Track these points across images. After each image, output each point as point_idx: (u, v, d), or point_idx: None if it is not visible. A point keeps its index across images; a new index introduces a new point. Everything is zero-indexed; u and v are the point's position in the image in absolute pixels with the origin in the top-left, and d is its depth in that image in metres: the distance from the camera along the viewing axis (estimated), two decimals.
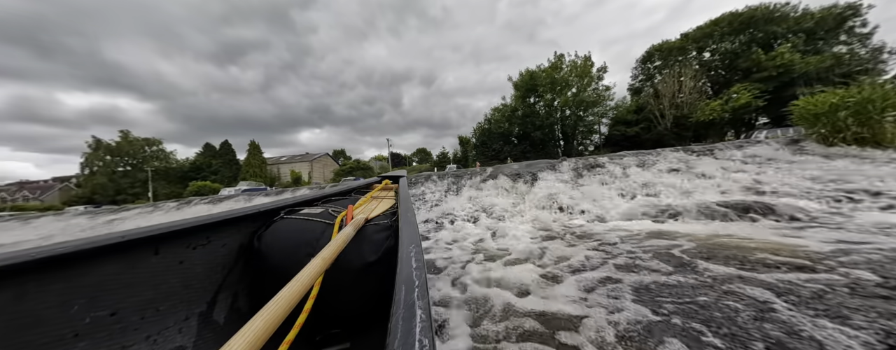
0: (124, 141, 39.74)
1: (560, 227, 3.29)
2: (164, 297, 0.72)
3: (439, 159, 43.04)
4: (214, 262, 0.85)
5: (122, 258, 0.65)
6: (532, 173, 5.47)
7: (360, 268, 0.83)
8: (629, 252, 2.12)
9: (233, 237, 0.91)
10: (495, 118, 31.61)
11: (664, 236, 2.47)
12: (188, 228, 0.77)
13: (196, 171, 41.06)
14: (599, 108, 28.59)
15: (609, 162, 5.51)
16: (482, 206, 4.60)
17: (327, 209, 1.06)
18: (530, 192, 4.79)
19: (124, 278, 0.65)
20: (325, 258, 0.57)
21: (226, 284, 0.87)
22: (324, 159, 47.69)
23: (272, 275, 0.86)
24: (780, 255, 1.79)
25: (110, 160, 39.22)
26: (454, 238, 3.19)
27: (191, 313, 0.77)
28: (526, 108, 30.41)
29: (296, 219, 0.97)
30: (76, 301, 0.57)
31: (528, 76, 30.09)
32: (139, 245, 0.67)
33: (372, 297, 0.86)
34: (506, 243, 2.80)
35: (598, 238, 2.62)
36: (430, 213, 4.94)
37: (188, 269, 0.78)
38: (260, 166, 38.84)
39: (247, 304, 0.92)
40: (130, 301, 0.65)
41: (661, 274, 1.69)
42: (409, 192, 1.51)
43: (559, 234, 2.95)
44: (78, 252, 0.57)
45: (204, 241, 0.83)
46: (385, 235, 0.91)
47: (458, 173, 6.65)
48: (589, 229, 3.02)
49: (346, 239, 0.74)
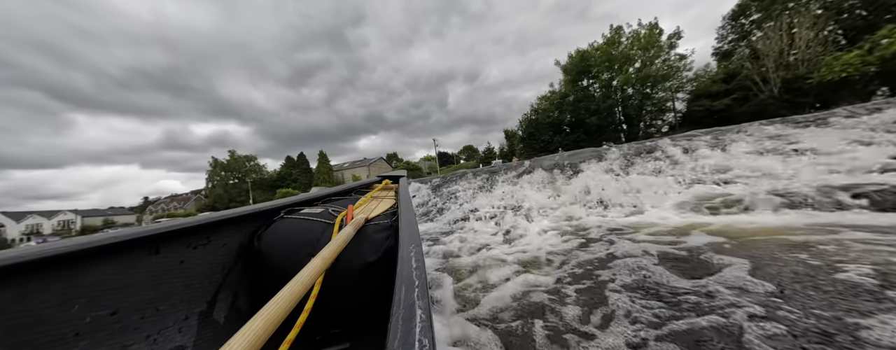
0: (232, 159, 49.94)
1: (589, 223, 2.90)
2: (165, 297, 0.72)
3: (485, 155, 42.33)
4: (215, 261, 0.85)
5: (123, 258, 0.65)
6: (573, 164, 4.97)
7: (360, 268, 0.82)
8: (664, 253, 1.75)
9: (233, 237, 0.91)
10: (543, 107, 29.59)
11: (723, 233, 1.97)
12: (188, 228, 0.78)
13: (281, 180, 48.98)
14: (673, 81, 24.18)
15: (670, 144, 4.64)
16: (512, 202, 4.35)
17: (327, 209, 1.06)
18: (567, 186, 4.35)
19: (124, 278, 0.65)
20: (325, 258, 0.57)
21: (226, 284, 0.88)
22: (379, 163, 51.81)
23: (272, 274, 0.86)
24: None
25: (224, 175, 49.69)
26: (466, 239, 3.07)
27: (191, 313, 0.77)
28: (578, 93, 27.66)
29: (296, 218, 0.96)
30: (77, 300, 0.57)
31: (579, 57, 27.27)
32: (140, 245, 0.68)
33: (372, 297, 0.85)
34: (519, 246, 2.58)
35: (628, 235, 2.23)
36: (454, 212, 4.88)
37: (188, 269, 0.78)
38: (328, 173, 44.38)
39: (247, 303, 0.92)
40: (131, 300, 0.66)
41: (687, 285, 1.34)
42: (409, 191, 1.49)
43: (584, 232, 2.61)
44: (78, 252, 0.57)
45: (204, 241, 0.83)
46: (385, 235, 0.90)
47: (492, 169, 6.41)
48: (620, 225, 2.60)
49: (346, 239, 0.73)
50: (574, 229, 2.72)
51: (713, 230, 2.08)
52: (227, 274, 0.88)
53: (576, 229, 2.71)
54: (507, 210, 4.10)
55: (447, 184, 6.34)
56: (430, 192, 6.38)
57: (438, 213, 5.09)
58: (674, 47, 24.17)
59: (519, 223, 3.19)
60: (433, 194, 6.19)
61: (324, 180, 42.81)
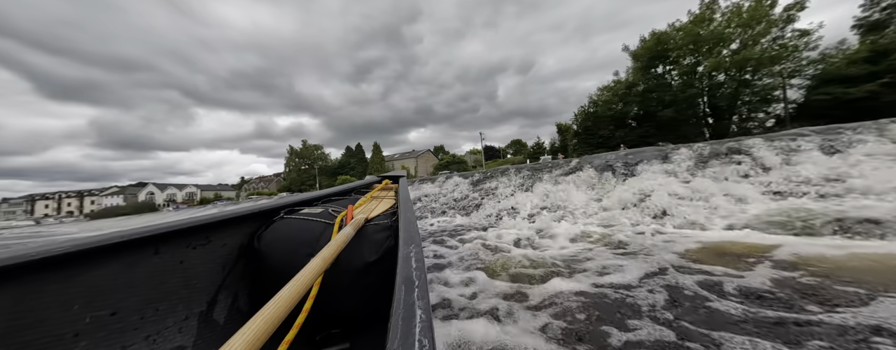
0: (304, 147, 57.50)
1: (634, 233, 2.63)
2: (164, 297, 0.72)
3: (533, 150, 40.25)
4: (214, 261, 0.85)
5: (122, 258, 0.65)
6: (628, 164, 4.49)
7: (360, 268, 0.83)
8: (721, 281, 1.49)
9: (233, 237, 0.91)
10: (604, 99, 26.66)
11: (817, 263, 1.59)
12: (188, 228, 0.78)
13: (341, 167, 54.58)
14: (786, 64, 19.32)
15: (763, 144, 3.81)
16: (551, 203, 4.14)
17: (327, 209, 1.06)
18: (618, 189, 3.95)
19: (124, 278, 0.64)
20: (324, 258, 0.57)
21: (226, 284, 0.87)
22: (426, 155, 53.85)
23: (272, 274, 0.86)
24: None
25: (297, 161, 57.59)
26: (492, 238, 3.03)
27: (191, 313, 0.77)
28: (649, 82, 24.15)
29: (296, 219, 0.97)
30: (76, 301, 0.57)
31: (654, 41, 23.67)
32: (139, 245, 0.67)
33: (372, 296, 0.85)
34: (546, 252, 2.49)
35: (679, 253, 1.97)
36: (490, 208, 4.86)
37: (188, 269, 0.78)
38: (380, 163, 47.91)
39: (247, 303, 0.92)
40: (130, 301, 0.65)
41: None
42: (409, 191, 1.48)
43: (625, 243, 2.38)
44: (78, 252, 0.57)
45: (203, 241, 0.83)
46: (385, 235, 0.91)
47: (536, 166, 6.16)
48: (672, 238, 2.29)
49: (345, 239, 0.73)
50: (614, 239, 2.51)
51: (804, 258, 1.67)
52: (227, 274, 0.88)
53: (616, 239, 2.50)
54: (545, 211, 3.89)
55: (488, 180, 6.33)
56: (469, 188, 6.46)
57: (475, 208, 5.14)
58: (792, 21, 19.17)
59: (552, 227, 3.06)
60: (473, 189, 6.24)
61: (376, 169, 46.37)
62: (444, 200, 6.30)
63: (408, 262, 0.57)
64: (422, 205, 6.61)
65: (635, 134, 24.02)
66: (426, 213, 5.89)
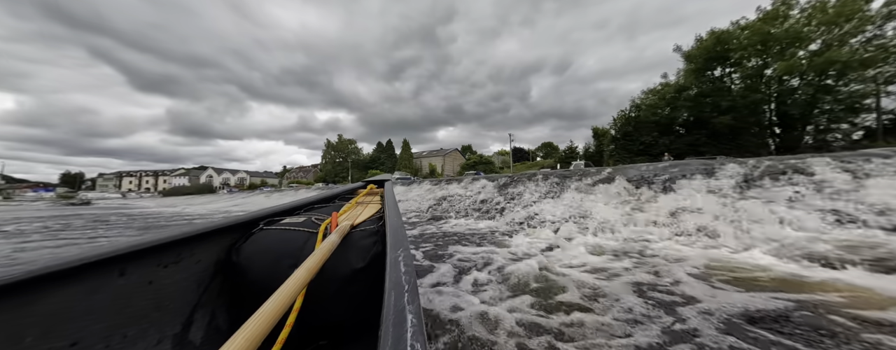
0: (339, 141, 61.01)
1: (663, 251, 2.54)
2: (133, 322, 0.67)
3: (565, 155, 38.57)
4: (188, 279, 0.81)
5: (82, 282, 0.60)
6: (668, 178, 4.25)
7: (347, 275, 0.81)
8: (757, 313, 1.38)
9: (208, 252, 0.87)
10: (649, 103, 24.79)
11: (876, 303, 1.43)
12: (155, 246, 0.73)
13: (372, 162, 57.02)
14: (886, 68, 16.45)
15: (828, 165, 3.37)
16: (577, 213, 4.06)
17: (310, 218, 1.02)
18: (652, 203, 3.78)
19: (85, 304, 0.60)
20: (309, 268, 0.55)
21: (202, 302, 0.83)
22: (454, 154, 54.25)
23: (253, 289, 0.83)
24: None
25: (333, 154, 61.25)
26: (510, 244, 3.04)
27: (164, 336, 0.73)
28: (704, 85, 22.00)
29: (277, 229, 0.94)
30: (29, 332, 0.52)
31: (714, 40, 21.47)
32: (100, 267, 0.62)
33: (360, 305, 0.83)
34: (560, 264, 2.50)
35: (711, 277, 1.87)
36: (512, 214, 4.82)
37: (159, 290, 0.74)
38: (408, 159, 49.30)
39: (227, 321, 0.88)
40: (93, 329, 0.60)
41: None
42: (397, 193, 1.50)
43: (650, 261, 2.33)
44: (31, 279, 0.52)
45: (175, 258, 0.78)
46: (372, 241, 0.89)
47: (565, 173, 6.03)
48: (705, 262, 2.18)
49: (331, 247, 0.71)
50: (638, 257, 2.44)
51: (861, 294, 1.52)
52: (204, 292, 0.84)
53: (641, 257, 2.43)
54: (570, 221, 3.84)
55: (514, 184, 6.36)
56: (495, 191, 6.51)
57: (499, 213, 5.21)
58: (893, 18, 16.26)
59: (576, 239, 3.04)
60: (498, 193, 6.29)
61: (404, 165, 47.78)
62: (470, 202, 6.42)
63: (396, 266, 0.56)
64: (447, 204, 6.81)
65: (683, 142, 22.01)
66: (450, 213, 6.08)
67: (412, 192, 9.15)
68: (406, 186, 10.38)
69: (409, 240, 1.10)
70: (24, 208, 16.88)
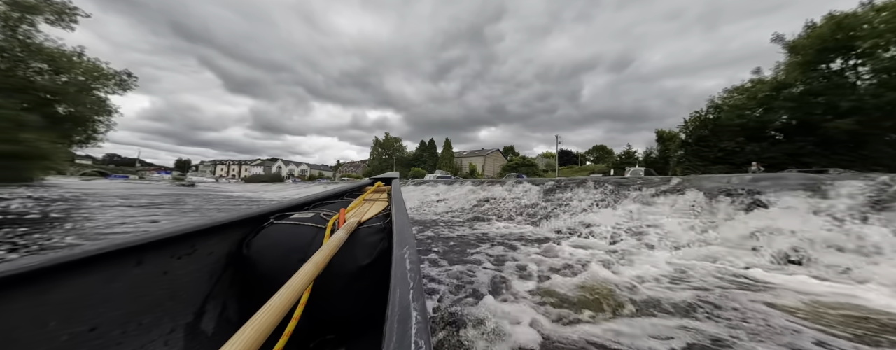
0: (386, 139, 64.76)
1: (751, 279, 2.20)
2: (148, 310, 0.70)
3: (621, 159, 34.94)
4: (201, 271, 0.83)
5: (102, 271, 0.62)
6: (757, 192, 3.62)
7: (353, 271, 0.82)
8: None
9: (220, 245, 0.89)
10: (733, 102, 21.07)
11: None
12: (171, 237, 0.75)
13: (415, 160, 59.22)
14: None
15: None
16: (635, 225, 3.72)
17: (319, 213, 1.04)
18: (734, 220, 3.28)
19: (104, 292, 0.62)
20: (316, 263, 0.56)
21: (213, 294, 0.85)
22: (495, 155, 53.43)
23: (262, 282, 0.85)
24: None
25: (380, 151, 65.31)
26: (553, 255, 2.89)
27: (177, 325, 0.75)
28: (815, 81, 17.86)
29: (286, 224, 0.95)
30: (52, 317, 0.55)
31: (832, 26, 17.28)
32: (119, 256, 0.65)
33: (366, 301, 0.84)
34: (613, 282, 2.32)
35: (818, 318, 1.55)
36: (559, 222, 4.57)
37: (173, 280, 0.76)
38: (449, 158, 50.09)
39: (237, 313, 0.90)
40: (111, 315, 0.63)
41: None
42: (402, 194, 1.44)
43: (723, 288, 2.04)
44: (53, 266, 0.55)
45: (189, 250, 0.80)
46: (379, 238, 0.90)
47: (621, 181, 5.49)
48: (811, 298, 1.81)
49: (338, 243, 0.72)
50: (711, 282, 2.14)
51: None
52: (215, 283, 0.87)
53: (715, 282, 2.13)
54: (624, 235, 3.54)
55: (561, 189, 6.07)
56: (540, 195, 6.28)
57: (544, 218, 5.01)
58: None
59: (636, 254, 2.80)
60: (543, 198, 6.06)
61: (445, 164, 48.61)
62: (513, 205, 6.30)
63: (402, 263, 0.56)
64: (489, 206, 6.76)
65: (780, 150, 18.22)
66: (491, 215, 6.02)
67: (454, 192, 9.30)
68: (447, 185, 10.58)
69: (444, 238, 1.08)
70: (152, 186, 22.35)
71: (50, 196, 7.14)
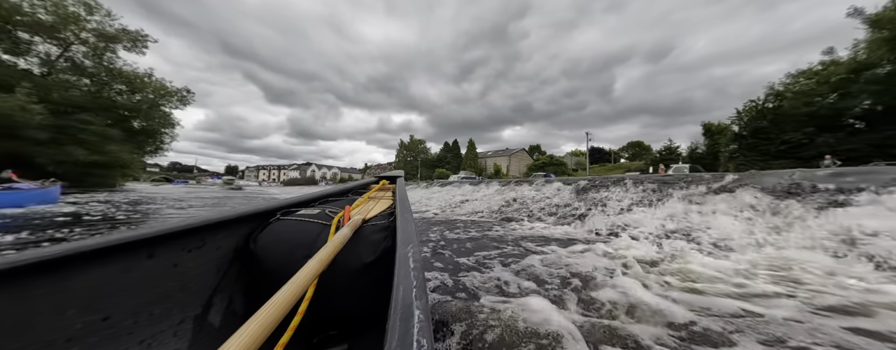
0: (411, 141, 66.20)
1: (828, 285, 1.91)
2: (159, 301, 0.71)
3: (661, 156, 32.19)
4: (209, 264, 0.84)
5: (116, 262, 0.64)
6: (835, 188, 3.16)
7: (357, 269, 0.83)
8: None
9: (228, 239, 0.90)
10: (799, 89, 18.53)
11: None
12: (182, 230, 0.76)
13: (439, 161, 59.78)
14: None
15: None
16: (682, 227, 3.41)
17: (324, 210, 1.05)
18: (807, 221, 2.89)
19: (117, 282, 0.64)
20: (321, 259, 0.57)
21: (221, 287, 0.87)
22: (520, 154, 52.06)
23: (268, 277, 0.86)
24: None
25: (405, 153, 66.91)
26: (586, 258, 2.71)
27: (186, 316, 0.77)
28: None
29: (292, 220, 0.96)
30: (68, 306, 0.56)
31: None
32: (133, 248, 0.66)
33: (370, 298, 0.84)
34: (663, 292, 2.13)
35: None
36: (595, 222, 4.31)
37: (183, 273, 0.77)
38: (473, 159, 49.87)
39: (243, 306, 0.91)
40: (124, 305, 0.65)
41: None
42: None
43: (806, 300, 1.76)
44: (71, 256, 0.56)
45: (198, 244, 0.82)
46: (383, 236, 0.90)
47: (665, 179, 5.04)
48: None
49: (343, 240, 0.73)
50: (780, 288, 1.90)
51: None
52: (223, 277, 0.88)
53: (786, 288, 1.89)
54: (670, 237, 3.25)
55: (596, 188, 5.75)
56: (572, 195, 6.02)
57: (578, 219, 4.80)
58: None
59: (687, 257, 2.53)
60: (576, 198, 5.80)
61: (469, 165, 48.43)
62: (543, 205, 6.10)
63: (405, 262, 0.57)
64: (518, 206, 6.57)
65: (862, 141, 15.65)
66: (522, 215, 5.85)
67: (480, 192, 9.19)
68: (473, 186, 10.49)
69: (475, 238, 1.04)
70: (207, 189, 25.23)
71: (132, 198, 8.28)
